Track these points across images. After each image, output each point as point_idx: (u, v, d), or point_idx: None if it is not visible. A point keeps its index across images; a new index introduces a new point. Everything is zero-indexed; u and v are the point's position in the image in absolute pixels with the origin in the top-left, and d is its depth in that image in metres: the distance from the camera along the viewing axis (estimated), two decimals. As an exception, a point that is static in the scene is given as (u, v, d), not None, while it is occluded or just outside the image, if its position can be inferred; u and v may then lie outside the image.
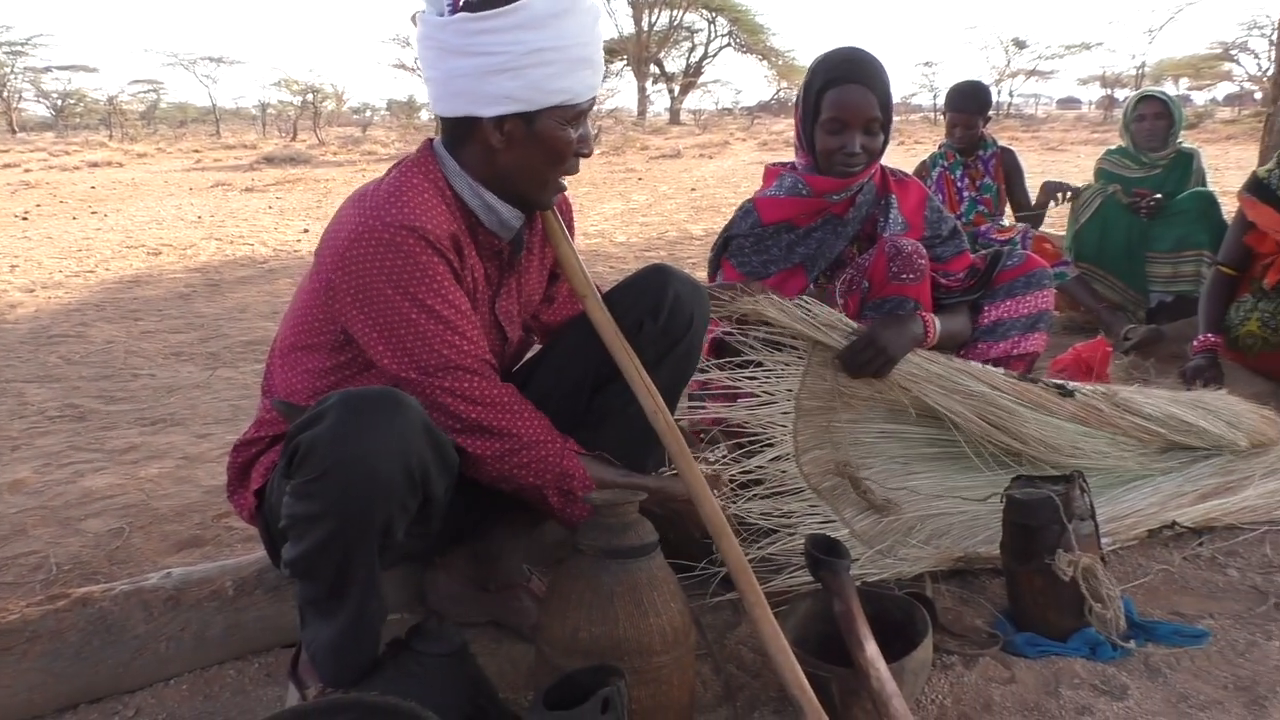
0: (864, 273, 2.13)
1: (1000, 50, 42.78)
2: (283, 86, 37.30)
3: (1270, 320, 3.01)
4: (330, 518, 1.26)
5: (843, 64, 2.12)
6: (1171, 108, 4.05)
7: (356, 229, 1.41)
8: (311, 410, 1.28)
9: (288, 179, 15.11)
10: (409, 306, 1.41)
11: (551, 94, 1.42)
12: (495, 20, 1.37)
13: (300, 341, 1.52)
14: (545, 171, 1.50)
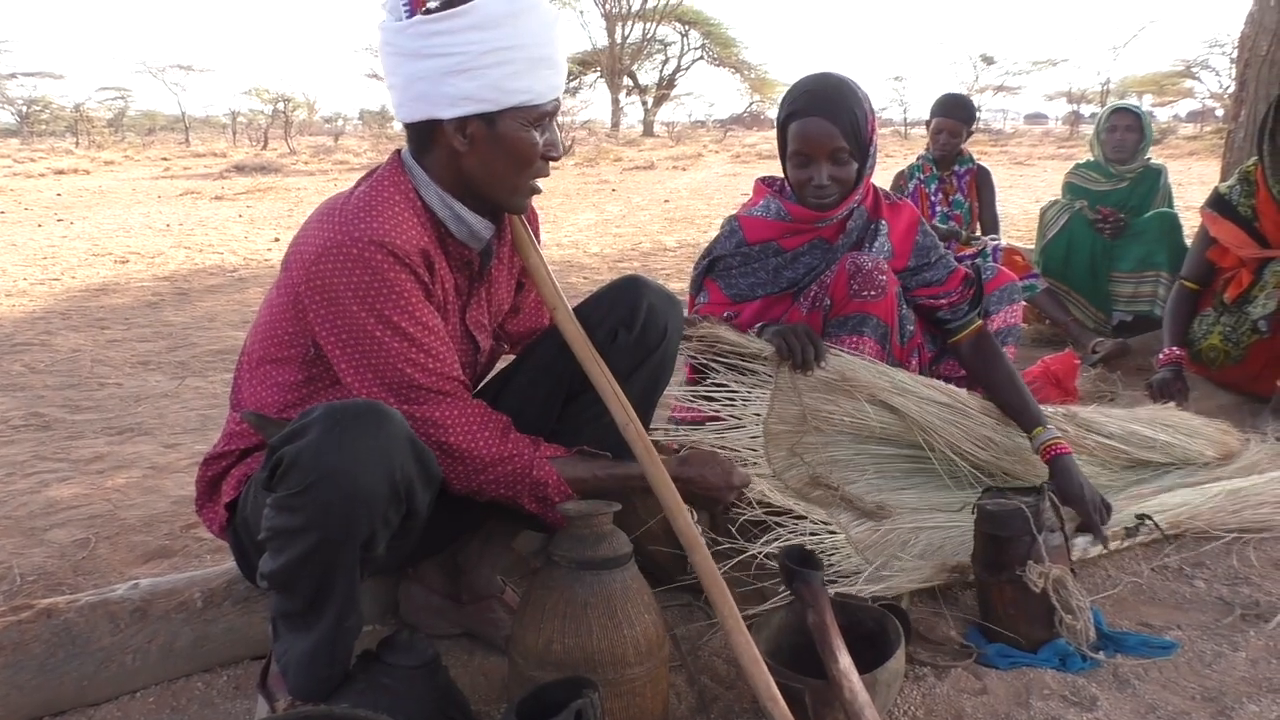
0: (826, 290, 2.13)
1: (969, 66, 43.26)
2: (253, 95, 37.06)
3: (1232, 334, 3.07)
4: (313, 531, 1.25)
5: (804, 95, 2.09)
6: (1143, 121, 4.13)
7: (325, 243, 1.39)
8: (295, 422, 1.27)
9: (258, 188, 14.98)
10: (375, 324, 1.39)
11: (511, 93, 1.41)
12: (450, 21, 1.37)
13: (269, 354, 1.50)
14: (512, 176, 1.48)
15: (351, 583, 1.32)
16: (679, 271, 6.57)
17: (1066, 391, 3.04)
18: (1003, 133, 39.41)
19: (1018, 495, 1.76)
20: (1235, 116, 4.42)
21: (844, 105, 2.06)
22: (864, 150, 2.10)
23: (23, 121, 42.72)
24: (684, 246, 7.94)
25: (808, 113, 2.07)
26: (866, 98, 2.12)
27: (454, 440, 1.45)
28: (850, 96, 2.08)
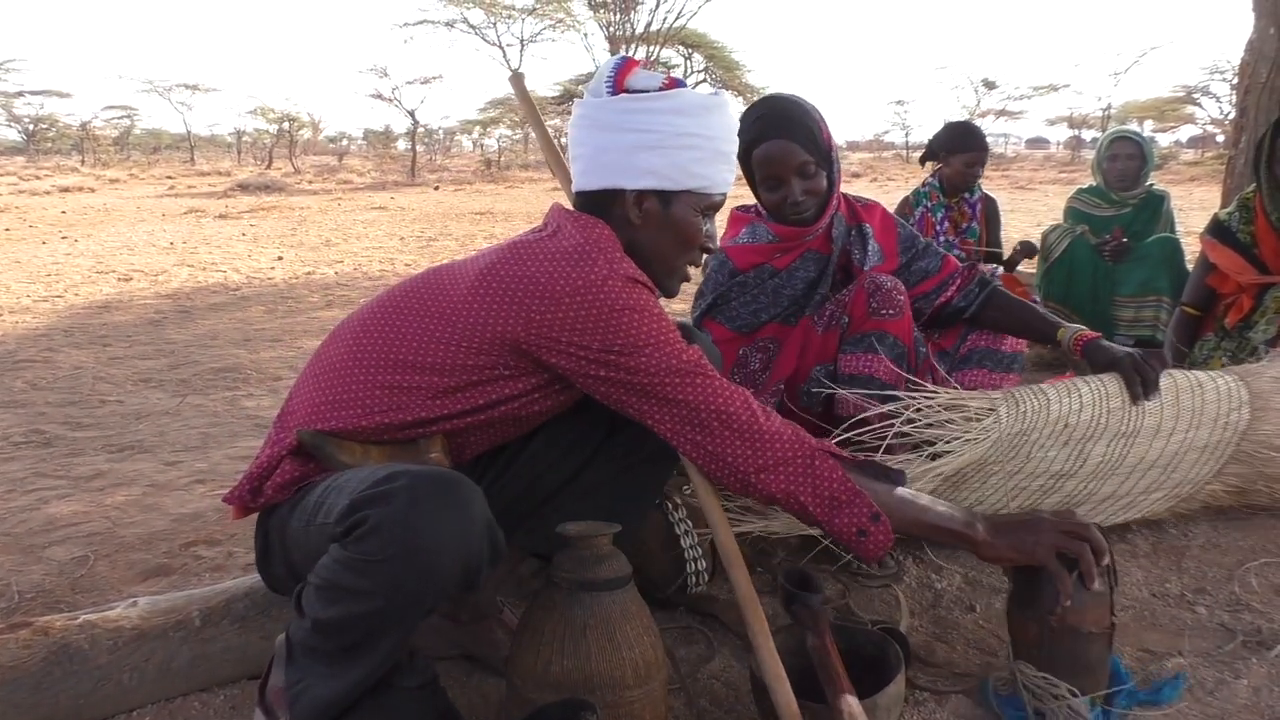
0: (844, 308, 2.15)
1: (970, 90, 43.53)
2: (259, 114, 37.26)
3: (1233, 358, 3.07)
4: (378, 598, 1.24)
5: (757, 123, 2.13)
6: (1144, 148, 4.14)
7: (579, 280, 1.41)
8: (380, 480, 1.25)
9: (262, 206, 15.06)
10: (652, 328, 1.43)
11: (693, 177, 1.52)
12: (654, 102, 1.49)
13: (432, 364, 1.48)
14: (675, 256, 1.58)
15: (396, 646, 1.31)
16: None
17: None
18: (1004, 157, 39.61)
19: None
20: (1236, 143, 4.44)
21: (797, 121, 2.12)
22: (827, 158, 2.16)
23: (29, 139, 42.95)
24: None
25: (765, 137, 2.12)
26: (815, 108, 2.17)
27: (735, 410, 1.44)
28: (799, 111, 2.14)
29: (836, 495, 1.43)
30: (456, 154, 47.31)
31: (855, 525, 1.42)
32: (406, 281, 1.58)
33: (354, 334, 1.53)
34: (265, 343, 5.06)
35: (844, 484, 1.43)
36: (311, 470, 1.46)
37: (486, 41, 28.97)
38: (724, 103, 1.55)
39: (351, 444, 1.45)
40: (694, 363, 1.44)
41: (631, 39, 28.44)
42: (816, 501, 1.43)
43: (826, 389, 2.17)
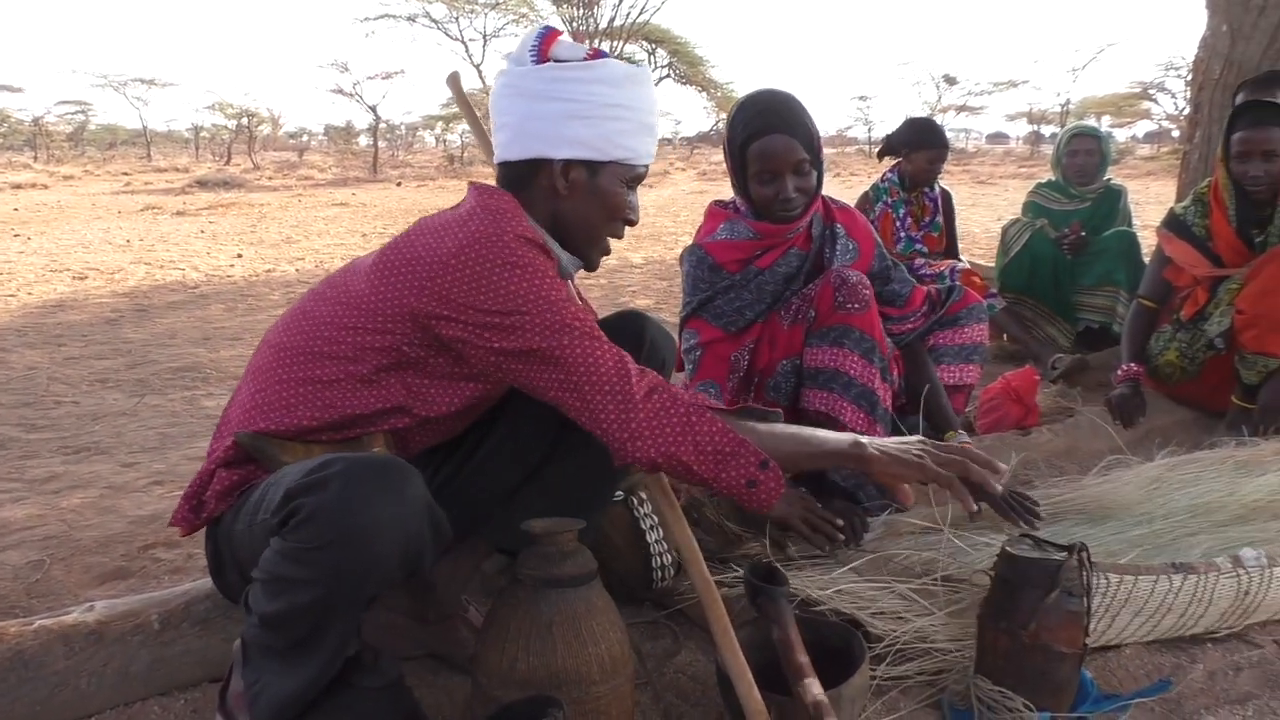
0: (810, 303, 2.17)
1: (932, 86, 43.89)
2: (217, 110, 36.75)
3: (1187, 350, 3.12)
4: (319, 586, 1.23)
5: (760, 116, 2.14)
6: (1102, 143, 4.22)
7: (469, 238, 1.42)
8: (314, 470, 1.24)
9: (221, 203, 14.86)
10: (534, 285, 1.41)
11: (619, 148, 1.53)
12: (582, 72, 1.50)
13: (328, 356, 1.48)
14: (599, 227, 1.58)
15: (346, 634, 1.30)
16: (645, 288, 6.59)
17: (1027, 407, 3.07)
18: (965, 152, 40.02)
19: (1054, 549, 1.59)
20: (1190, 138, 4.51)
21: (799, 119, 2.14)
22: (818, 158, 2.19)
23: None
24: (650, 263, 7.97)
25: (768, 130, 2.12)
26: (808, 109, 2.20)
27: (606, 371, 1.42)
28: (800, 110, 2.16)
29: (720, 448, 1.42)
30: (419, 150, 46.94)
31: (744, 476, 1.42)
32: (326, 277, 1.59)
33: (278, 334, 1.54)
34: (225, 341, 4.99)
35: (726, 435, 1.42)
36: (251, 473, 1.45)
37: (449, 36, 28.80)
38: (649, 75, 1.57)
39: (293, 444, 1.44)
40: (574, 320, 1.42)
41: (595, 34, 28.38)
42: (700, 458, 1.41)
43: (792, 383, 2.19)
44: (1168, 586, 1.72)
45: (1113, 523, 2.17)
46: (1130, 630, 1.75)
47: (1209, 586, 1.74)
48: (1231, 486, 2.31)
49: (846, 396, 2.12)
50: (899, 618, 1.73)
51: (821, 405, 2.13)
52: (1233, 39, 4.11)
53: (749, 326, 2.26)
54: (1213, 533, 2.10)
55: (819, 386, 2.14)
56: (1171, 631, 1.78)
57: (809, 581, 1.81)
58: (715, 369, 2.25)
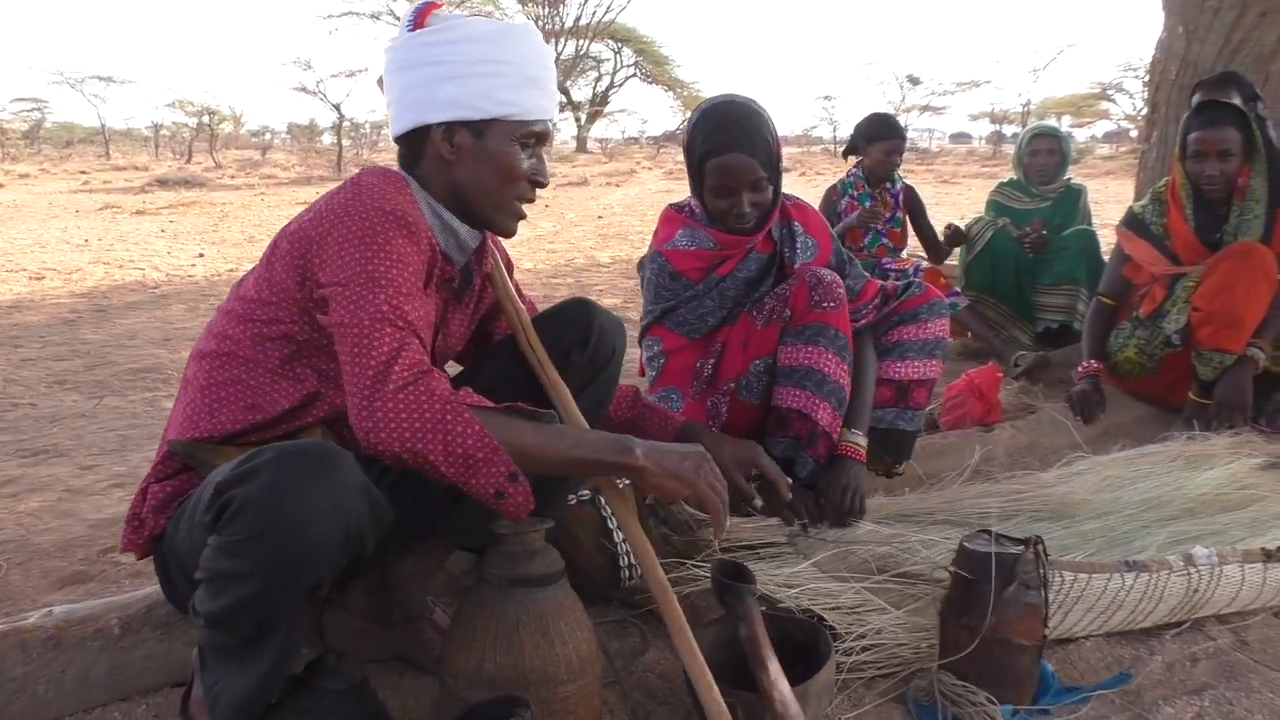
0: (785, 302, 2.19)
1: (896, 86, 44.22)
2: (177, 107, 36.20)
3: (1146, 347, 3.17)
4: (258, 578, 1.21)
5: (720, 131, 2.14)
6: (1063, 143, 4.29)
7: (343, 206, 1.40)
8: (243, 462, 1.22)
9: (182, 202, 14.65)
10: (377, 263, 1.37)
11: (498, 104, 1.47)
12: (447, 33, 1.46)
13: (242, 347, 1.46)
14: (497, 190, 1.52)
15: (294, 625, 1.29)
16: (612, 287, 6.58)
17: (990, 404, 3.11)
18: (929, 152, 40.36)
19: (1011, 543, 1.60)
20: (1148, 138, 4.59)
21: (759, 136, 2.13)
22: (776, 170, 2.19)
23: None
24: (617, 262, 7.96)
25: (726, 149, 2.12)
26: (770, 118, 2.20)
27: (374, 351, 1.33)
28: (761, 124, 2.15)
29: (471, 453, 1.30)
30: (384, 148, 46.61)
31: (493, 486, 1.32)
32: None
33: (200, 341, 1.54)
34: (186, 342, 4.93)
35: (480, 439, 1.31)
36: (187, 482, 1.44)
37: (413, 34, 28.53)
38: (524, 29, 1.51)
39: (227, 448, 1.42)
40: (384, 303, 1.34)
41: (561, 32, 28.34)
42: (448, 461, 1.30)
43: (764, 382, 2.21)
44: (1120, 584, 1.75)
45: (1068, 518, 2.21)
46: (1082, 625, 1.78)
47: (1160, 584, 1.78)
48: (1181, 481, 2.36)
49: (821, 394, 2.13)
50: (861, 613, 1.75)
51: (796, 403, 2.15)
52: (1188, 40, 4.18)
53: (712, 333, 2.28)
54: (1163, 526, 2.15)
55: (794, 384, 2.16)
56: (1121, 625, 1.81)
57: (774, 579, 1.82)
58: (678, 376, 2.27)
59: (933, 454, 2.74)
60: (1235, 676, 1.69)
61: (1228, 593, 1.84)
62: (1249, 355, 2.92)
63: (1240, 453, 2.58)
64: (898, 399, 2.31)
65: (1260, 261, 2.89)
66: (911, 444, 2.38)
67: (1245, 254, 2.91)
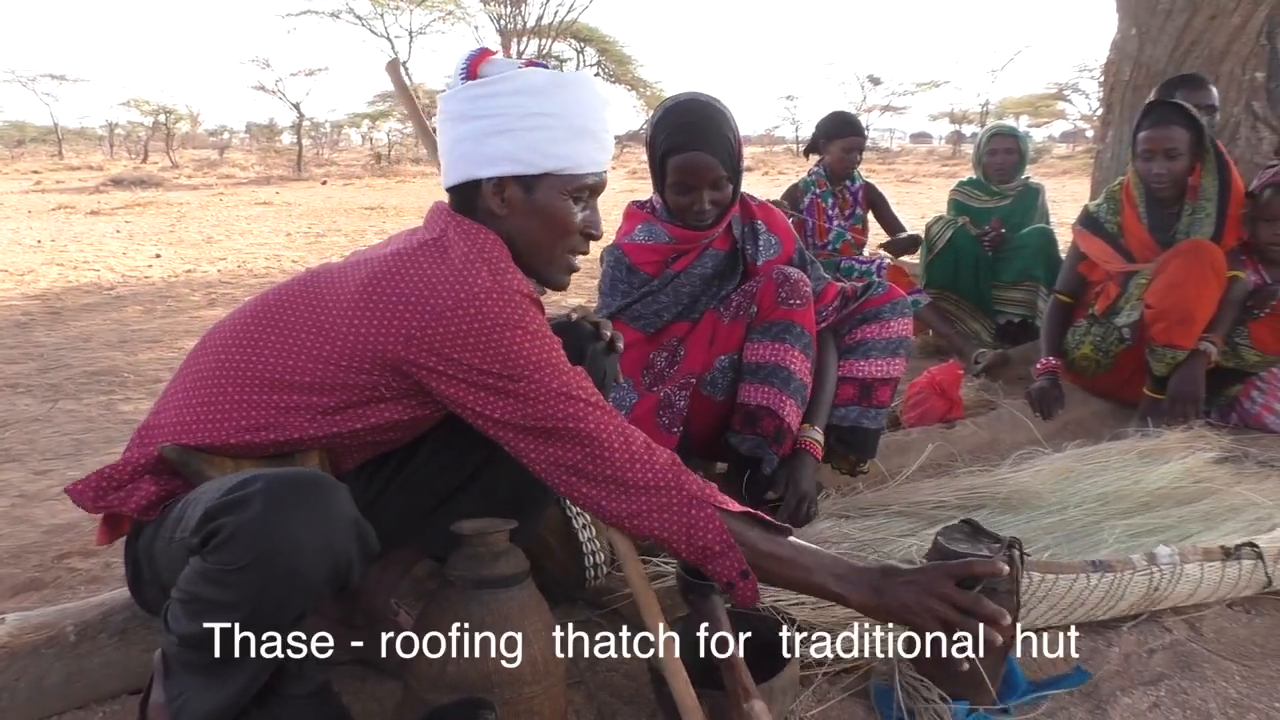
0: (752, 299, 2.20)
1: (857, 86, 44.59)
2: (132, 106, 35.62)
3: (1101, 343, 3.23)
4: (243, 608, 1.19)
5: (682, 130, 2.15)
6: (1021, 143, 4.35)
7: (462, 294, 1.35)
8: (234, 488, 1.20)
9: (138, 202, 14.43)
10: (535, 348, 1.37)
11: (549, 158, 1.45)
12: (498, 85, 1.44)
13: (311, 382, 1.40)
14: (549, 245, 1.50)
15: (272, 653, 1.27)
16: (577, 286, 6.56)
17: (951, 401, 3.14)
18: (890, 151, 40.75)
19: (986, 540, 1.57)
20: (1103, 138, 4.66)
21: (720, 135, 2.15)
22: (737, 170, 2.20)
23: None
24: (583, 261, 7.95)
25: (687, 147, 2.14)
26: (732, 116, 2.21)
27: (612, 449, 1.38)
28: (723, 123, 2.17)
29: (710, 547, 1.39)
30: (345, 148, 46.13)
31: (724, 578, 1.41)
32: (281, 287, 1.50)
33: (225, 344, 1.45)
34: (143, 344, 4.85)
35: (719, 536, 1.39)
36: (177, 487, 1.39)
37: (374, 33, 28.32)
38: (577, 79, 1.48)
39: (222, 459, 1.38)
40: (576, 387, 1.38)
41: (523, 32, 28.24)
42: (690, 550, 1.40)
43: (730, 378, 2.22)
44: (1085, 584, 1.77)
45: (1027, 512, 2.24)
46: (1043, 619, 1.80)
47: (1123, 583, 1.80)
48: (1137, 475, 2.40)
49: (788, 391, 2.15)
50: (825, 609, 1.76)
51: (765, 400, 2.16)
52: (1141, 42, 4.26)
53: (667, 327, 2.30)
54: (1121, 519, 2.18)
55: (761, 381, 2.17)
56: (1080, 619, 1.83)
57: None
58: (631, 369, 2.29)
59: (896, 451, 2.76)
60: (1190, 666, 1.73)
61: (1187, 589, 1.87)
62: (1201, 350, 2.98)
63: (1194, 447, 2.63)
64: (861, 397, 2.33)
65: (1210, 259, 2.95)
66: (876, 442, 2.40)
67: (1195, 251, 2.97)
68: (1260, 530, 2.09)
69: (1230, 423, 3.13)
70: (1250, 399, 3.15)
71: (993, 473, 2.49)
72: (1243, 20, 4.03)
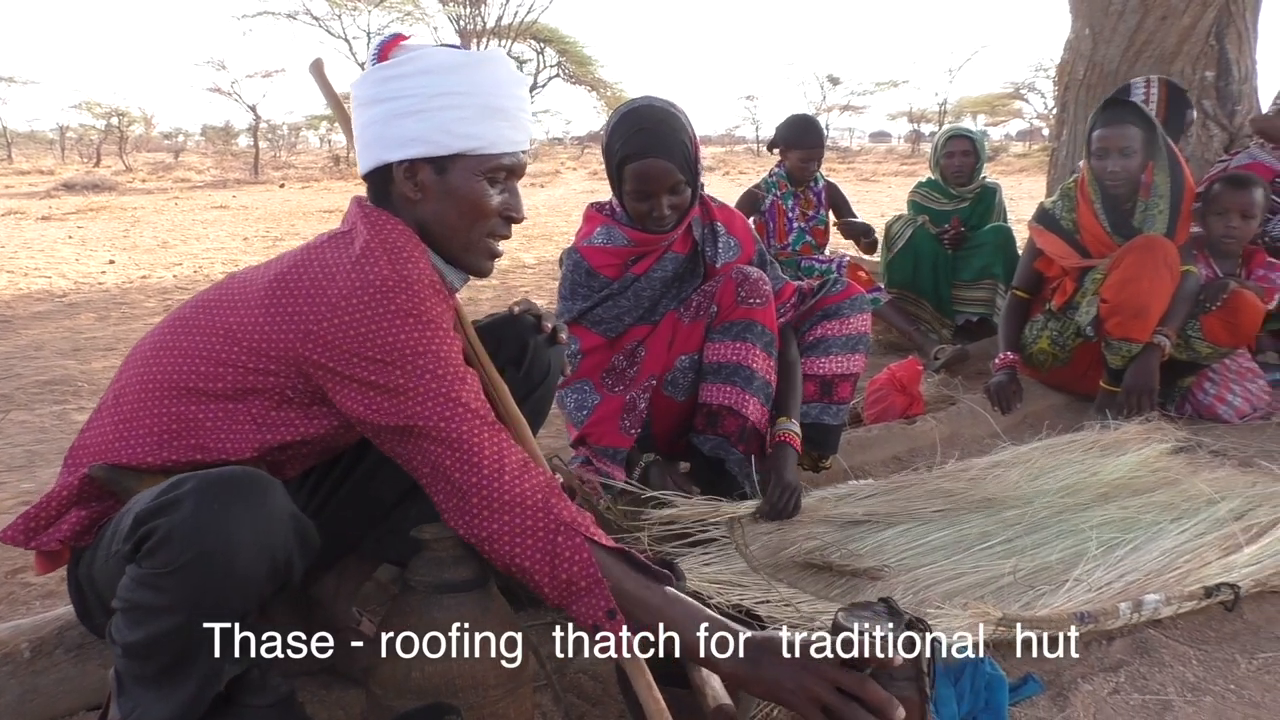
0: (711, 299, 2.21)
1: (816, 86, 44.93)
2: (84, 109, 34.97)
3: (1059, 338, 3.28)
4: (180, 611, 1.16)
5: (638, 135, 2.15)
6: (977, 145, 4.40)
7: (359, 282, 1.31)
8: (165, 491, 1.17)
9: (91, 207, 14.17)
10: (428, 340, 1.32)
11: (460, 138, 1.40)
12: (404, 66, 1.40)
13: (223, 390, 1.37)
14: (465, 229, 1.45)
15: (220, 656, 1.24)
16: (538, 288, 6.55)
17: (912, 397, 3.17)
18: (849, 150, 41.07)
19: (890, 618, 1.32)
20: (1058, 136, 4.74)
21: (676, 140, 2.15)
22: (695, 173, 2.21)
23: None
24: (543, 263, 7.93)
25: (644, 154, 2.14)
26: (688, 120, 2.22)
27: (483, 460, 1.30)
28: (679, 129, 2.17)
29: (574, 581, 1.27)
30: (303, 150, 45.65)
31: (589, 619, 1.27)
32: (200, 294, 1.47)
33: (146, 356, 1.42)
34: (97, 352, 4.76)
35: (585, 569, 1.27)
36: (110, 507, 1.36)
37: (331, 34, 28.04)
38: (487, 57, 1.45)
39: (153, 475, 1.34)
40: (459, 389, 1.32)
41: (482, 33, 28.09)
42: (552, 584, 1.28)
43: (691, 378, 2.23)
44: (1072, 634, 1.74)
45: (991, 506, 2.27)
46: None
47: (1103, 624, 1.79)
48: (1096, 467, 2.44)
49: (749, 390, 2.16)
50: (793, 605, 1.77)
51: (726, 399, 2.17)
52: (1094, 42, 4.33)
53: (628, 330, 2.30)
54: (1081, 511, 2.21)
55: (722, 380, 2.18)
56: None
57: (704, 575, 1.83)
58: (590, 372, 2.29)
59: (858, 447, 2.79)
60: (1148, 652, 1.76)
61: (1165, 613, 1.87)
62: (1155, 343, 3.03)
63: (1151, 438, 2.68)
64: (822, 394, 2.35)
65: (1163, 254, 3.01)
66: (837, 438, 2.42)
67: (1149, 247, 3.02)
68: (1224, 523, 2.12)
69: (1184, 414, 3.20)
70: (1203, 390, 3.21)
71: (958, 468, 2.52)
72: (1192, 21, 4.12)
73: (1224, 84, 4.22)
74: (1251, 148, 3.88)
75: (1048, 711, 1.59)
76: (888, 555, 2.03)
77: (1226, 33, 4.17)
